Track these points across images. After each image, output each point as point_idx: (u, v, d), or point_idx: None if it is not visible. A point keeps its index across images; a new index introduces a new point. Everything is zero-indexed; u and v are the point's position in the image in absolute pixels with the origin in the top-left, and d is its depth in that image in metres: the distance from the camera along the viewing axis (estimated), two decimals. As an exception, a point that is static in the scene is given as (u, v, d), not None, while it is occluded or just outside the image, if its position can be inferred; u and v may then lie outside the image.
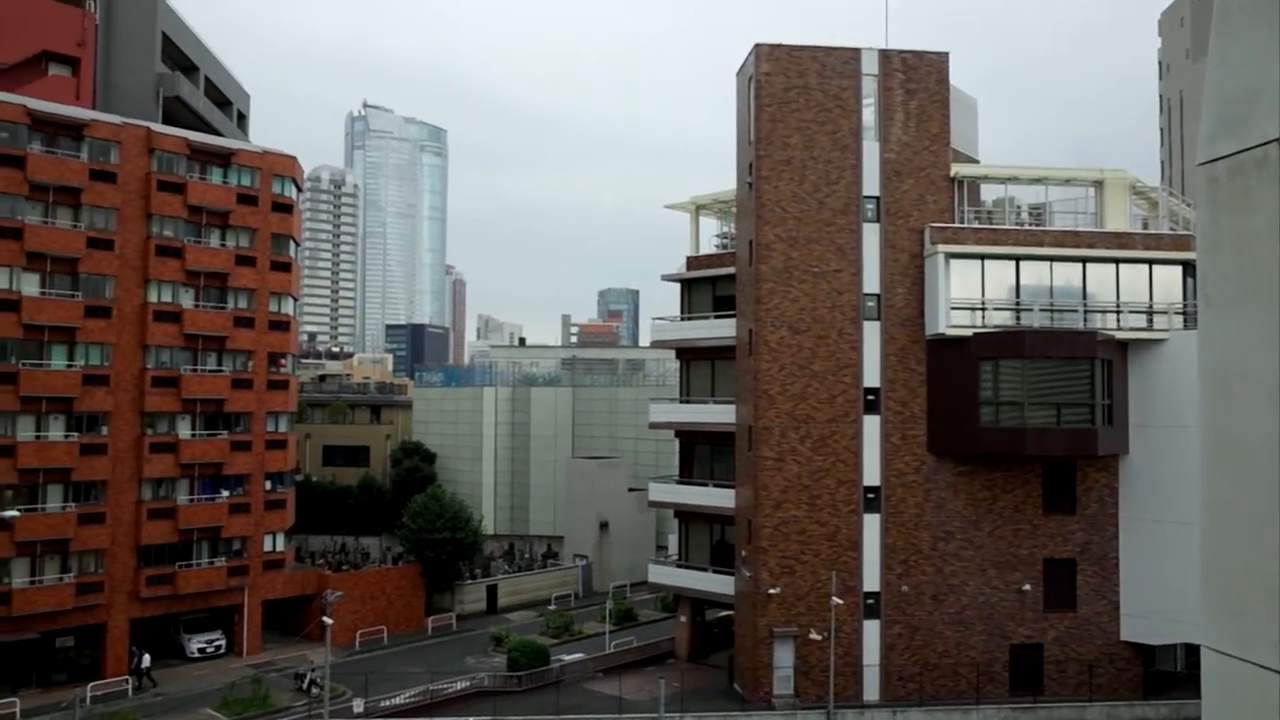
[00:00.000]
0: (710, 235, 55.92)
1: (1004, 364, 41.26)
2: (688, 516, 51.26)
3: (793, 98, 43.26)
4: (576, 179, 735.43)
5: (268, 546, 53.68)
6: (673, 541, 58.15)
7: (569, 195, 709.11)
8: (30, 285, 45.76)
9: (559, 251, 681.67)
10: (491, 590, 63.26)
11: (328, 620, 40.79)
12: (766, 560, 42.15)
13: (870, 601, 42.40)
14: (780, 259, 42.84)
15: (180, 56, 62.27)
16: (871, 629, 42.37)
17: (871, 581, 42.37)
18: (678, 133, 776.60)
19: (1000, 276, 42.77)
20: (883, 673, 42.19)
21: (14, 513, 40.87)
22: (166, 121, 57.01)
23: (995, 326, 42.09)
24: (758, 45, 43.66)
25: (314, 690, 44.47)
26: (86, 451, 46.79)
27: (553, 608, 61.59)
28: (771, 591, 41.90)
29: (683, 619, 51.59)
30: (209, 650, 51.37)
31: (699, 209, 54.59)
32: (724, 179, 65.32)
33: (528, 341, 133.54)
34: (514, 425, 76.54)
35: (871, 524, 42.50)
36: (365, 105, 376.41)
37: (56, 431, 46.33)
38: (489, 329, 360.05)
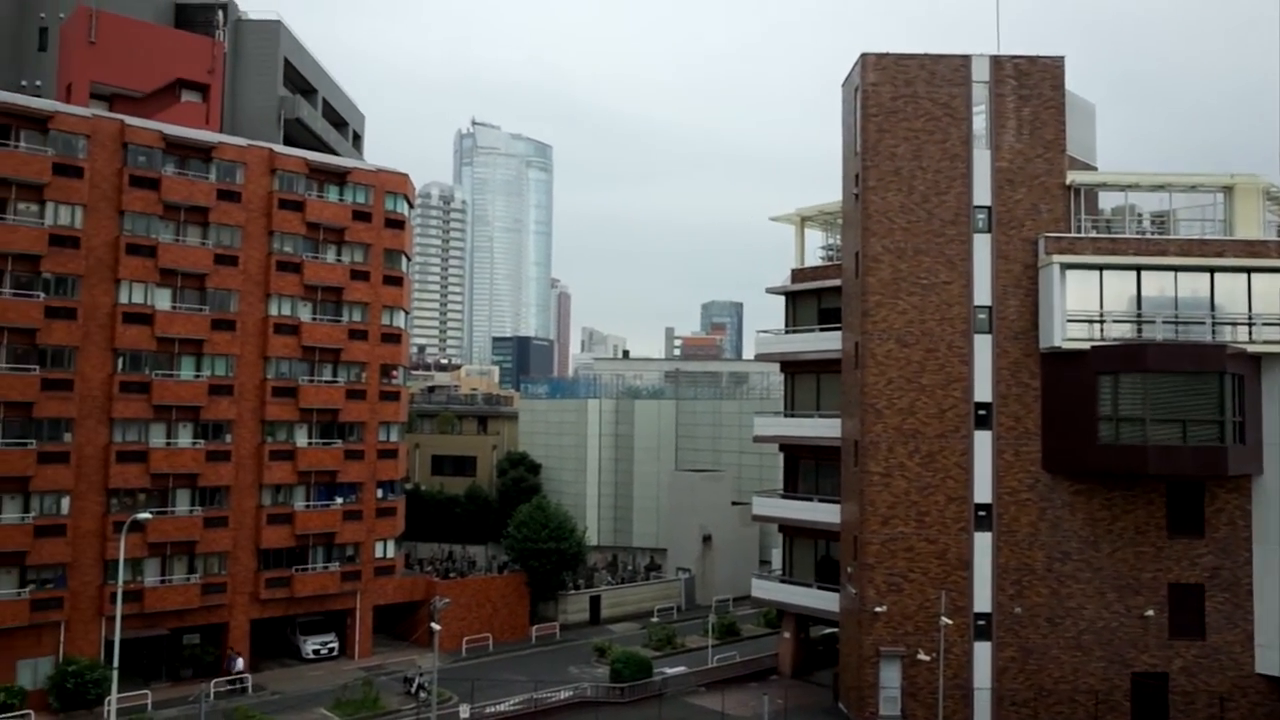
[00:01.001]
0: (815, 247, 55.36)
1: (1124, 378, 39.59)
2: (792, 531, 50.68)
3: (900, 107, 42.55)
4: (681, 192, 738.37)
5: (379, 553, 55.18)
6: (776, 556, 57.55)
7: (673, 208, 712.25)
8: (163, 300, 48.22)
9: (663, 264, 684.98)
10: (595, 601, 63.67)
11: (436, 626, 41.65)
12: (873, 578, 41.34)
13: (981, 623, 41.12)
14: (888, 271, 42.12)
15: (300, 80, 64.97)
16: (983, 651, 41.08)
17: (982, 602, 41.11)
18: (784, 145, 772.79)
19: (1120, 287, 41.10)
20: (994, 697, 40.83)
21: (147, 515, 43.03)
22: (287, 142, 59.49)
23: (1115, 339, 40.45)
24: (864, 55, 43.13)
25: (422, 694, 45.46)
26: (212, 458, 48.97)
27: (655, 620, 61.62)
28: (878, 610, 41.06)
29: (786, 635, 50.97)
30: (323, 652, 53.03)
31: (804, 221, 54.11)
32: (829, 191, 64.50)
33: (631, 354, 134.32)
34: (617, 437, 77.01)
35: (982, 542, 41.26)
36: (473, 123, 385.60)
37: (185, 439, 48.63)
38: (593, 341, 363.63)
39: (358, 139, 76.04)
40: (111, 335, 46.39)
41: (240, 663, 47.68)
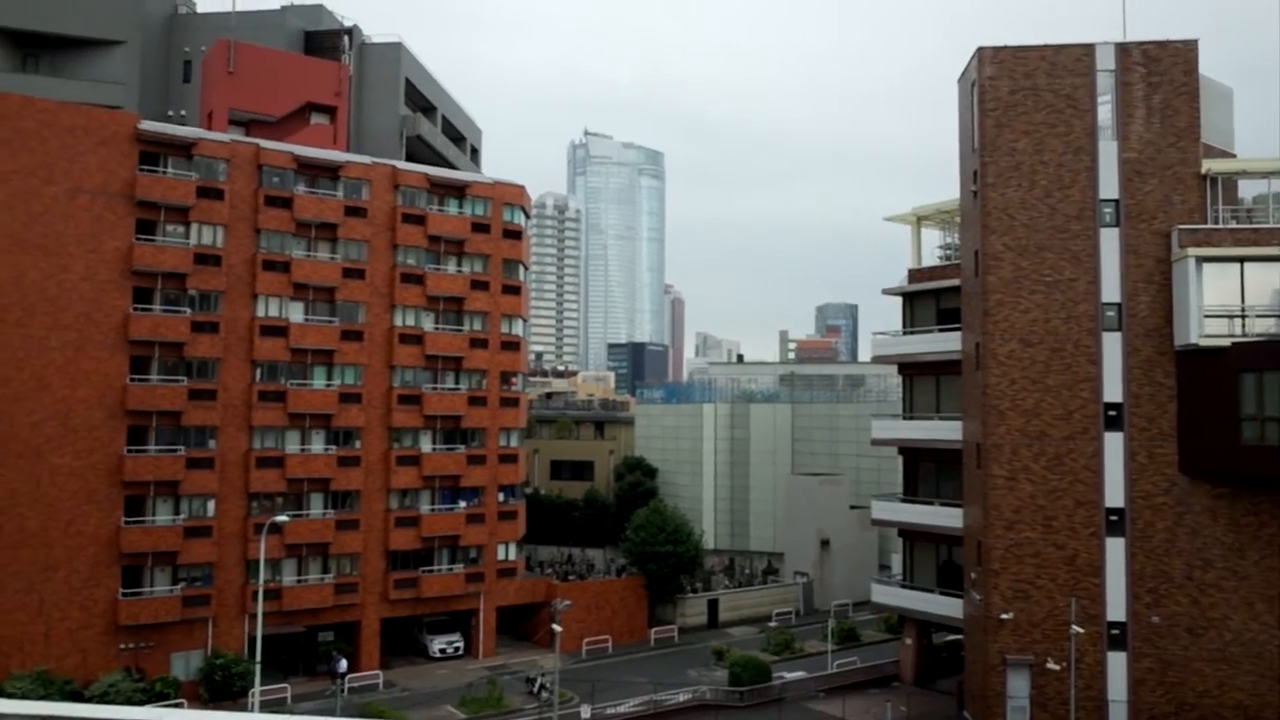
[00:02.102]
0: (933, 247, 54.31)
1: (1269, 376, 37.49)
2: (912, 536, 49.77)
3: (1019, 100, 41.42)
4: (793, 195, 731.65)
5: (501, 555, 56.57)
6: (896, 561, 56.59)
7: (786, 211, 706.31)
8: (296, 313, 50.65)
9: (776, 268, 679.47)
10: (712, 604, 63.75)
11: (557, 627, 42.52)
12: (998, 584, 40.27)
13: (1115, 632, 39.56)
14: (1009, 269, 41.02)
15: (420, 98, 67.26)
16: (1117, 661, 39.51)
17: (1116, 610, 39.54)
18: (898, 143, 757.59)
19: (1263, 280, 38.99)
20: (1130, 710, 39.21)
21: (284, 518, 45.22)
22: (408, 158, 61.67)
23: (1258, 335, 38.39)
24: (980, 49, 42.16)
25: (544, 694, 46.41)
26: (343, 463, 51.12)
27: (773, 624, 61.32)
28: (1004, 617, 39.96)
29: (908, 641, 50.05)
30: (449, 651, 54.66)
31: (920, 220, 53.14)
32: (946, 189, 63.00)
33: (746, 358, 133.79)
34: (733, 441, 76.94)
35: (1115, 548, 39.71)
36: (586, 133, 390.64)
37: (317, 445, 50.91)
38: (707, 346, 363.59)
39: (475, 153, 78.20)
40: (250, 347, 48.97)
41: (344, 664, 48.87)
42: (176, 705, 43.13)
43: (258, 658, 36.82)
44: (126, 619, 44.65)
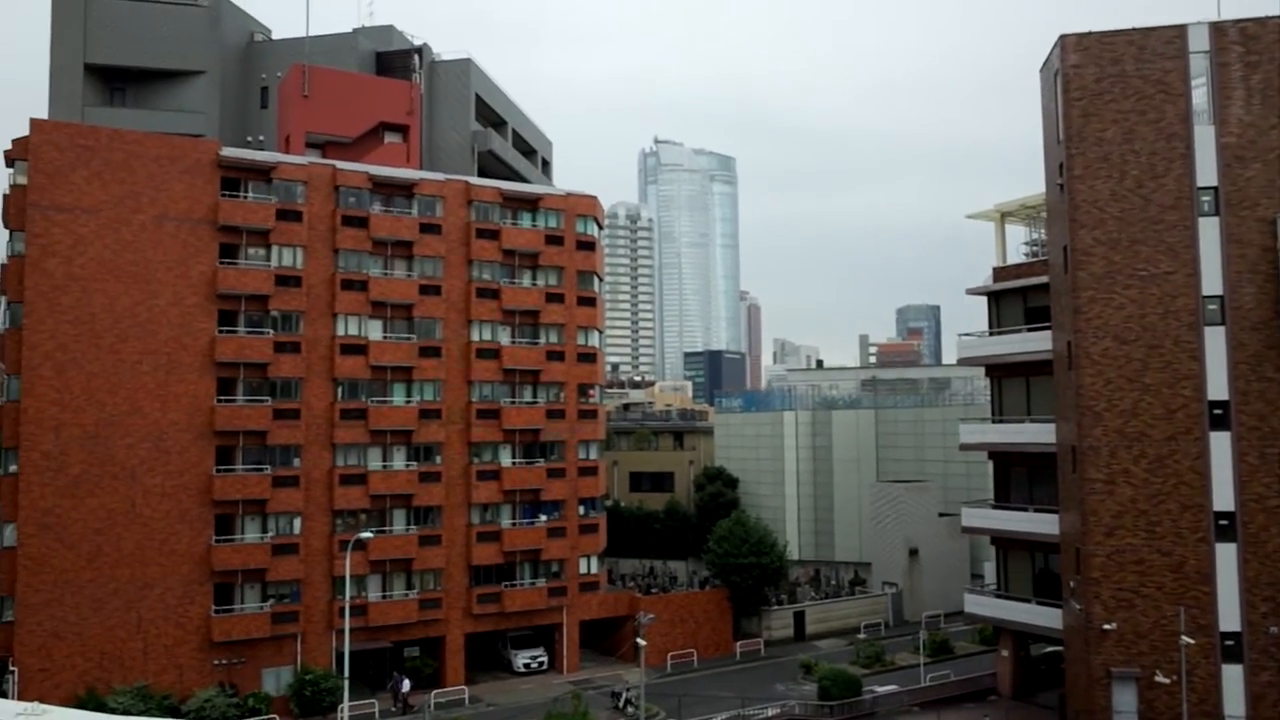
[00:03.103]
0: (1018, 244, 52.57)
1: (1390, 369, 35.14)
2: (1006, 543, 48.02)
3: (1106, 88, 39.70)
4: (870, 196, 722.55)
5: (583, 569, 56.29)
6: (989, 570, 54.72)
7: (862, 213, 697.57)
8: (374, 330, 51.21)
9: (854, 271, 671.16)
10: (799, 616, 62.55)
11: (641, 641, 42.01)
12: (1099, 593, 38.46)
13: (1230, 643, 37.42)
14: (1100, 264, 39.28)
15: (490, 114, 67.79)
16: (1233, 674, 37.34)
17: (1230, 620, 37.40)
18: (977, 140, 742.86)
19: (1379, 267, 36.61)
20: (1249, 725, 37.01)
21: (368, 534, 45.65)
22: (480, 173, 62.13)
23: (1376, 325, 36.02)
24: (1063, 36, 40.57)
25: (629, 709, 45.90)
26: (424, 479, 51.45)
27: (862, 636, 59.87)
28: (1106, 627, 38.14)
29: (1004, 653, 48.25)
30: (533, 665, 54.53)
31: (1004, 217, 51.46)
32: (1030, 183, 61.03)
33: (825, 363, 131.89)
34: (815, 449, 75.55)
35: (1226, 554, 37.60)
36: (656, 141, 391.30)
37: (399, 461, 51.34)
38: (785, 352, 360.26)
39: (546, 165, 78.53)
40: (331, 366, 49.64)
41: (407, 684, 48.55)
42: (268, 721, 43.78)
43: (345, 674, 37.06)
44: (219, 635, 45.51)
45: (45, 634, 42.54)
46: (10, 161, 45.01)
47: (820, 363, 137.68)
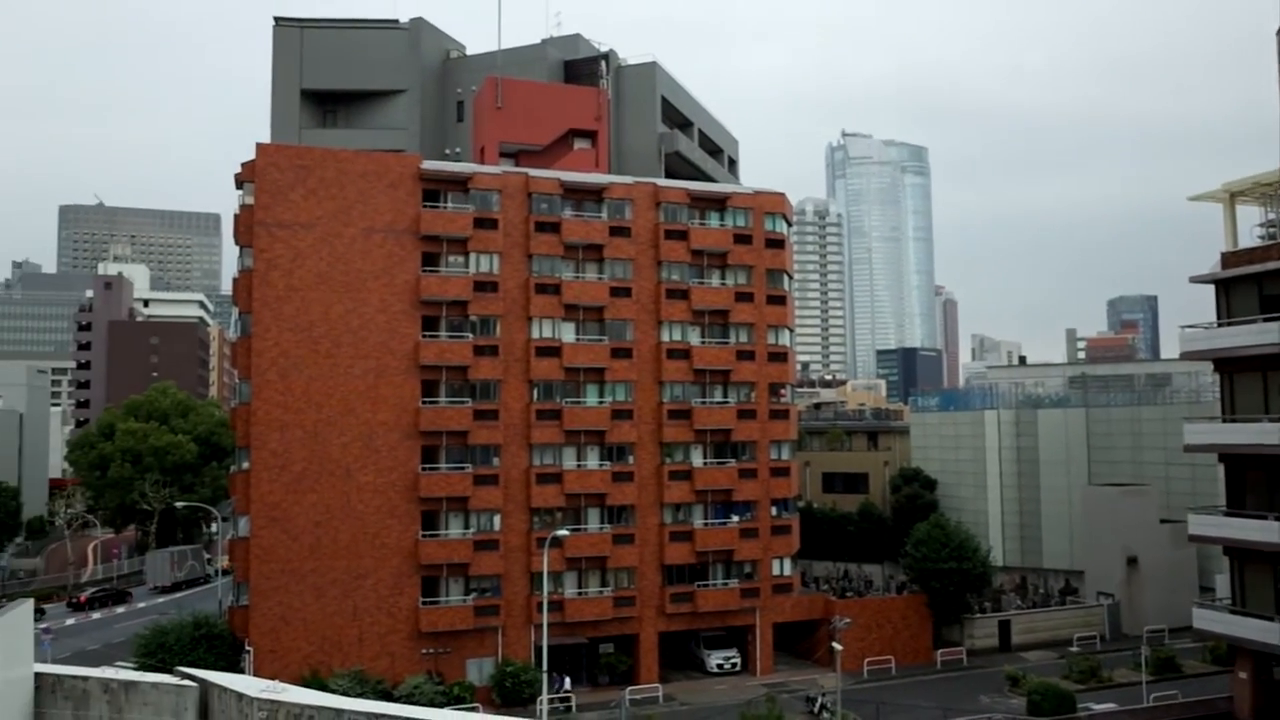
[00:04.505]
0: (1250, 226, 47.87)
1: None
2: (1242, 554, 43.79)
3: (1360, 47, 35.48)
4: (1075, 182, 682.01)
5: (775, 570, 55.58)
6: (1221, 582, 50.15)
7: (1063, 200, 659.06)
8: (568, 333, 52.39)
9: (1059, 262, 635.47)
10: (1004, 626, 59.43)
11: (837, 646, 40.97)
12: (1357, 612, 34.37)
13: None
14: (1354, 244, 35.11)
15: (676, 115, 68.09)
16: None
17: None
18: (1201, 117, 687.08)
19: None
20: None
21: (565, 532, 46.73)
22: (667, 174, 62.48)
23: None
24: (1305, -8, 36.56)
25: (825, 715, 44.89)
26: (617, 479, 52.17)
27: (1075, 649, 56.24)
28: (1367, 651, 34.05)
29: (1242, 675, 44.00)
30: (726, 667, 54.26)
31: (1234, 197, 47.03)
32: (1260, 161, 55.51)
33: (1028, 360, 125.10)
34: (1019, 450, 71.63)
35: None
36: (843, 134, 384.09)
37: (592, 461, 52.29)
38: (984, 349, 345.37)
39: (733, 164, 78.19)
40: (527, 368, 51.14)
41: (568, 682, 48.81)
42: (472, 709, 45.50)
43: (544, 666, 38.06)
44: (426, 626, 47.74)
45: (275, 618, 45.92)
46: (240, 183, 48.88)
47: (1023, 359, 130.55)
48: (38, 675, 8.15)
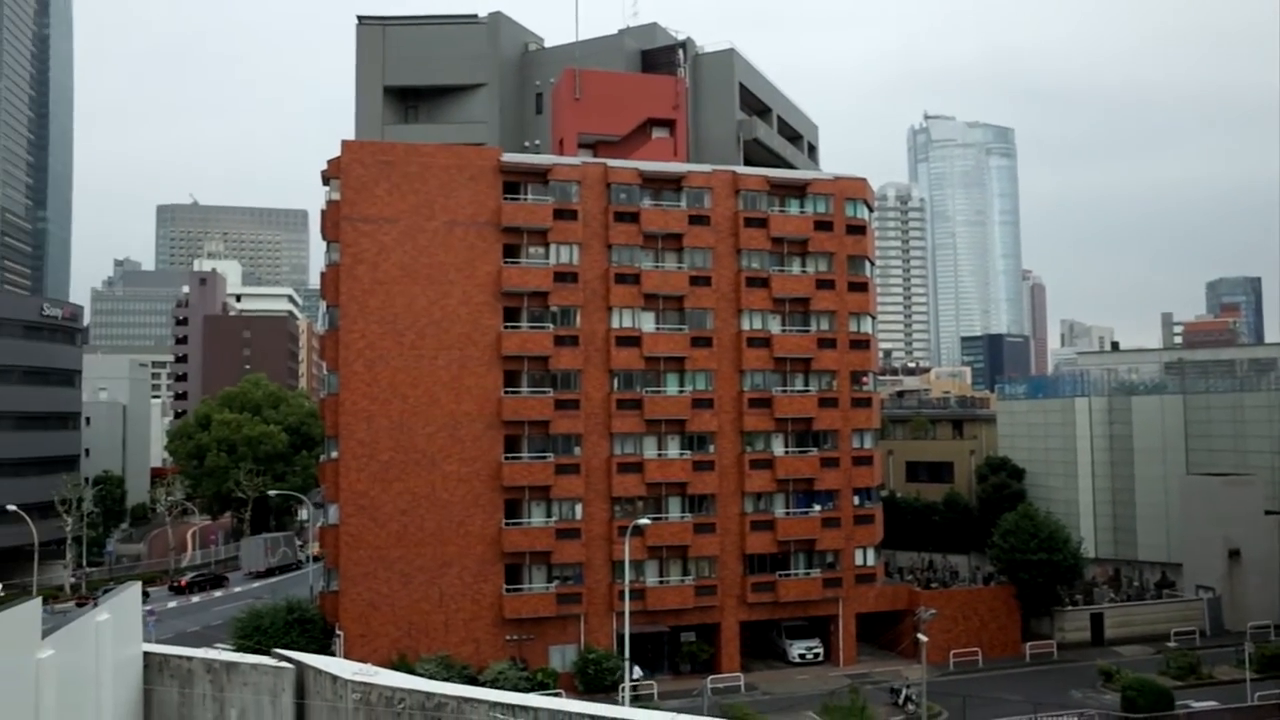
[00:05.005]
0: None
1: None
2: (1353, 548, 41.77)
3: None
4: (1170, 161, 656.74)
5: (858, 560, 54.95)
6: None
7: (1155, 180, 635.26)
8: (647, 322, 52.45)
9: (1152, 244, 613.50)
10: (1096, 619, 57.83)
11: (923, 637, 40.37)
12: None
13: None
14: None
15: (755, 101, 67.49)
16: None
17: None
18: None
19: None
20: None
21: (646, 521, 46.90)
22: (746, 162, 62.01)
23: None
24: None
25: (910, 707, 44.32)
26: (698, 468, 52.13)
27: (1173, 645, 54.49)
28: None
29: (1353, 673, 42.06)
30: (808, 657, 53.88)
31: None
32: (1378, 130, 52.56)
33: (1121, 345, 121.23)
34: (1112, 438, 69.46)
35: None
36: (926, 117, 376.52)
37: (673, 450, 52.30)
38: (1074, 334, 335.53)
39: (812, 150, 77.26)
40: (607, 357, 51.37)
41: (638, 670, 48.75)
42: (555, 695, 46.05)
43: (626, 654, 38.34)
44: (510, 612, 48.44)
45: (364, 604, 47.10)
46: (326, 180, 50.05)
47: (1115, 344, 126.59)
48: (146, 655, 8.54)
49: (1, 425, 76.81)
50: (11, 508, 65.92)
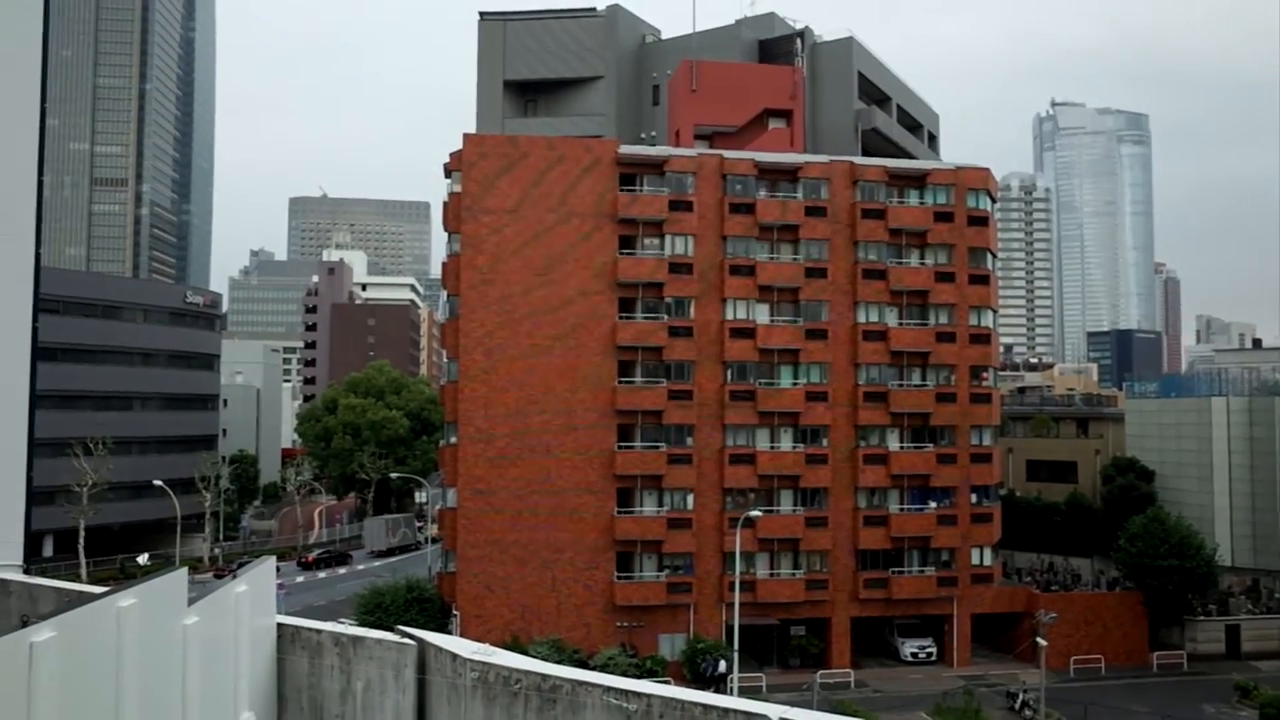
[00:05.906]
0: None
1: None
2: None
3: None
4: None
5: (975, 560, 53.61)
6: None
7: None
8: (762, 314, 52.20)
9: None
10: (1232, 631, 55.04)
11: (1042, 641, 39.19)
12: None
13: None
14: None
15: (873, 90, 66.27)
16: None
17: None
18: None
19: None
20: None
21: (757, 513, 46.81)
22: (864, 152, 61.01)
23: None
24: None
25: (1026, 712, 43.12)
26: (810, 461, 51.69)
27: (1316, 661, 51.36)
28: None
29: None
30: (920, 656, 52.89)
31: None
32: None
33: (1264, 343, 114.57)
34: (1252, 440, 65.70)
35: None
36: (1053, 104, 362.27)
37: (785, 442, 52.00)
38: (1211, 331, 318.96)
39: (933, 139, 75.44)
40: (721, 349, 51.35)
41: (722, 665, 47.90)
42: (664, 683, 46.35)
43: (735, 645, 38.35)
44: (620, 600, 49.03)
45: (479, 586, 48.40)
46: (448, 173, 51.42)
47: (1257, 342, 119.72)
48: (279, 626, 9.12)
49: (150, 405, 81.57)
50: (158, 482, 70.06)
